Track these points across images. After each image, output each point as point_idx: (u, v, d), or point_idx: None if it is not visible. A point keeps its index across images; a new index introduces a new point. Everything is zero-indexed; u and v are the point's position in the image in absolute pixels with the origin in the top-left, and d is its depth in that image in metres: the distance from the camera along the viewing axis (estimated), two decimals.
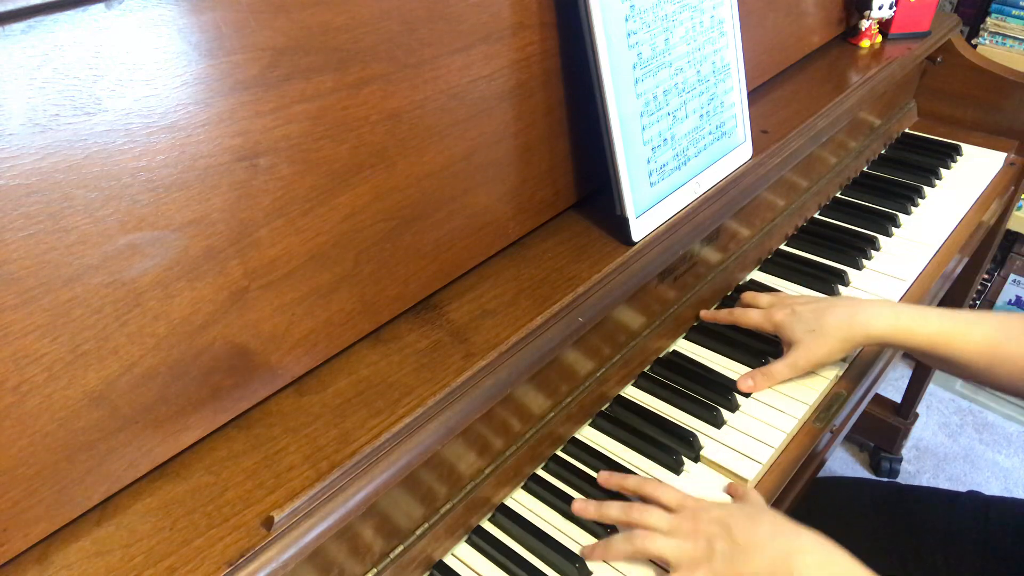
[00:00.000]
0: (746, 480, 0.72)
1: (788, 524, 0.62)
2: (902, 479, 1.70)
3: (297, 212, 0.56)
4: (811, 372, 0.83)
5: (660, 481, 0.69)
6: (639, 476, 0.72)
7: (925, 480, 1.70)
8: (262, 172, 0.53)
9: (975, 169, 1.21)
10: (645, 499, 0.68)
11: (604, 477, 0.72)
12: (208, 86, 0.49)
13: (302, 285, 0.57)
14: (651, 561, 0.66)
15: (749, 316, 0.86)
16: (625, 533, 0.66)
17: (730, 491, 0.72)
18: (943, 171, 1.20)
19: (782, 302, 0.85)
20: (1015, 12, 1.55)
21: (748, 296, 0.90)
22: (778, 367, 0.81)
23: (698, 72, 0.80)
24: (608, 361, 0.80)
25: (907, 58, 1.16)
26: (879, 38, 1.20)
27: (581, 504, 0.70)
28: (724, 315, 0.89)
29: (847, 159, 1.16)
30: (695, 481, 0.73)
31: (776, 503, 0.74)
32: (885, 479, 1.68)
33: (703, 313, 0.91)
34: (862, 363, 0.88)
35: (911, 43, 1.19)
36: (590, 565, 0.66)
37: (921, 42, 1.20)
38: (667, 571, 0.64)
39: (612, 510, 0.68)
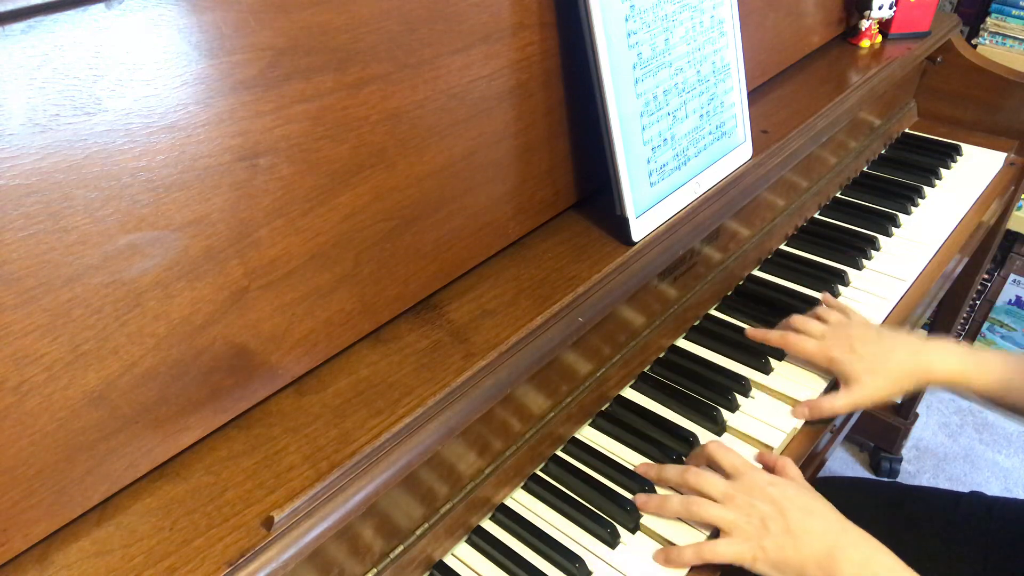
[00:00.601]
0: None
1: (838, 518, 0.64)
2: (902, 479, 1.70)
3: (297, 212, 0.56)
4: (816, 374, 0.84)
5: (721, 443, 0.71)
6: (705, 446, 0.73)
7: (925, 480, 1.70)
8: (262, 172, 0.53)
9: (975, 169, 1.21)
10: (706, 461, 0.71)
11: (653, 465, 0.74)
12: (208, 86, 0.49)
13: (302, 285, 0.57)
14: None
15: (805, 346, 0.82)
16: (683, 497, 0.68)
17: (762, 460, 0.73)
18: (943, 171, 1.20)
19: (837, 336, 0.81)
20: (1015, 12, 1.55)
21: (798, 322, 0.85)
22: (840, 402, 0.78)
23: (698, 72, 0.80)
24: (608, 361, 0.80)
25: (907, 58, 1.16)
26: (879, 38, 1.20)
27: (644, 467, 0.74)
28: (776, 338, 0.85)
29: (847, 159, 1.16)
30: None
31: None
32: (885, 479, 1.68)
33: (749, 332, 0.88)
34: None
35: (911, 43, 1.19)
36: (591, 561, 0.66)
37: (921, 42, 1.20)
38: None
39: (670, 472, 0.71)
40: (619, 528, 0.69)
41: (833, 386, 0.83)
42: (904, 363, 0.78)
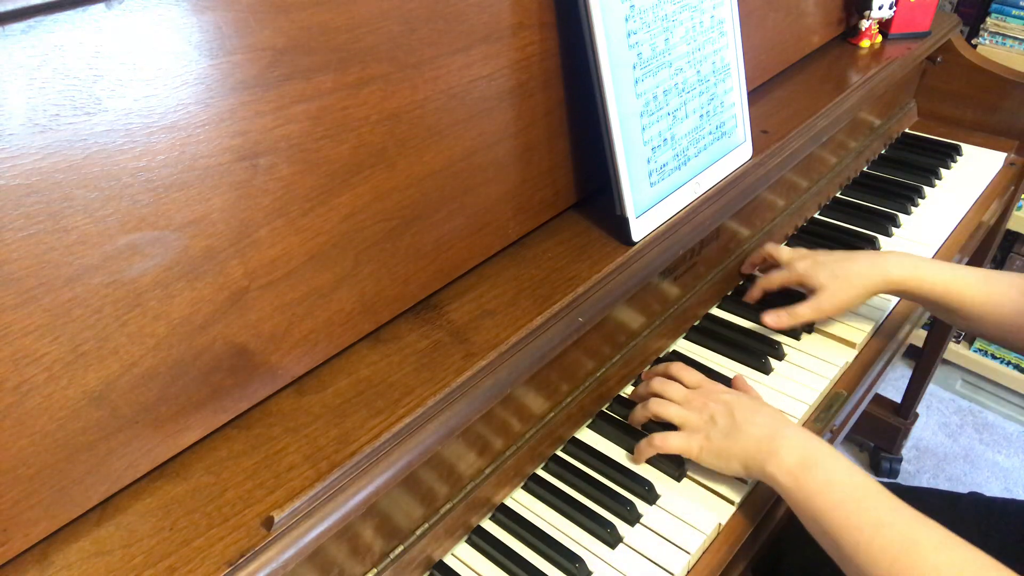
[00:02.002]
0: (747, 480, 0.72)
1: (783, 417, 0.70)
2: (902, 479, 1.70)
3: (297, 212, 0.56)
4: (816, 373, 0.84)
5: (686, 365, 0.79)
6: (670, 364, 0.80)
7: (925, 480, 1.70)
8: (262, 172, 0.53)
9: (975, 169, 1.21)
10: (671, 377, 0.78)
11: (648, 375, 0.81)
12: (208, 86, 0.49)
13: (302, 285, 0.57)
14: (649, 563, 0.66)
15: (773, 279, 0.89)
16: (645, 402, 0.76)
17: (737, 383, 0.81)
18: (943, 171, 1.20)
19: (803, 255, 0.89)
20: (1015, 12, 1.55)
21: (767, 250, 0.93)
22: (802, 309, 0.85)
23: (698, 72, 0.80)
24: (608, 361, 0.80)
25: (907, 58, 1.16)
26: (879, 38, 1.20)
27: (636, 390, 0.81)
28: (755, 290, 0.92)
29: (847, 159, 1.16)
30: (696, 480, 0.73)
31: (775, 504, 0.74)
32: (885, 479, 1.68)
33: (746, 296, 0.94)
34: (862, 363, 0.88)
35: (911, 43, 1.19)
36: (591, 561, 0.66)
37: (921, 42, 1.20)
38: None
39: (640, 391, 0.79)
40: (619, 526, 0.69)
41: (834, 391, 0.83)
42: (863, 269, 0.84)
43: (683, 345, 0.90)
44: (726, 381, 0.83)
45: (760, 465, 0.66)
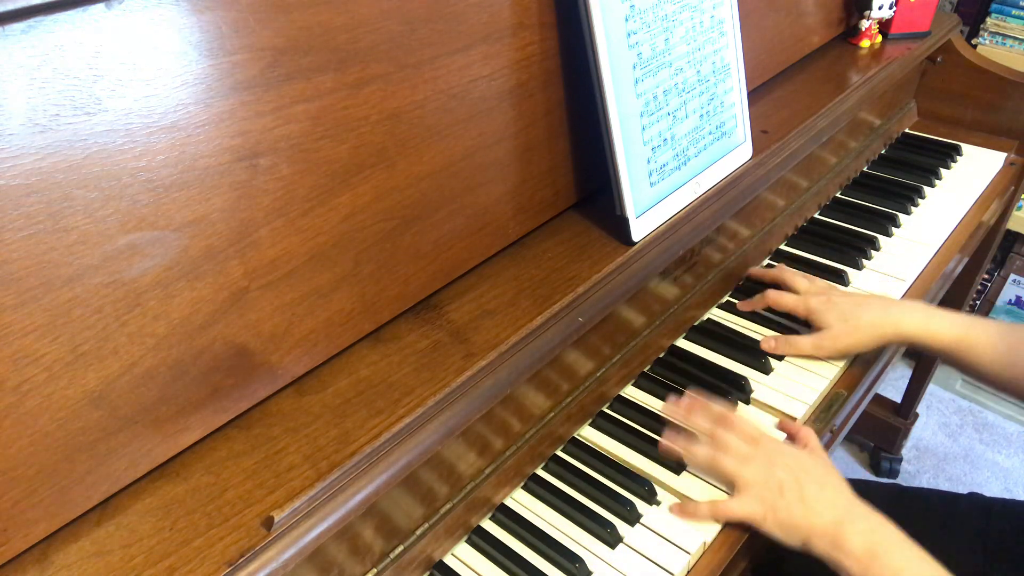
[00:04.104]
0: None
1: (849, 493, 0.67)
2: (902, 479, 1.70)
3: (297, 212, 0.56)
4: (816, 373, 0.84)
5: (738, 415, 0.75)
6: (719, 407, 0.76)
7: (925, 480, 1.70)
8: (262, 172, 0.53)
9: (975, 169, 1.21)
10: (725, 427, 0.73)
11: (683, 403, 0.77)
12: (208, 86, 0.49)
13: (302, 285, 0.57)
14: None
15: (784, 300, 0.88)
16: (710, 449, 0.71)
17: (785, 428, 0.77)
18: (943, 171, 1.20)
19: (819, 290, 0.88)
20: (1015, 12, 1.55)
21: (785, 275, 0.91)
22: (803, 341, 0.84)
23: (698, 72, 0.80)
24: (608, 361, 0.80)
25: (907, 58, 1.16)
26: (879, 38, 1.20)
27: (671, 407, 0.77)
28: (757, 301, 0.91)
29: (847, 159, 1.16)
30: (696, 481, 0.73)
31: None
32: (885, 479, 1.68)
33: (740, 305, 0.93)
34: (862, 363, 0.88)
35: (911, 43, 1.19)
36: (591, 561, 0.66)
37: (921, 42, 1.20)
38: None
39: (699, 419, 0.75)
40: (619, 526, 0.69)
41: (834, 391, 0.83)
42: (875, 318, 0.83)
43: (683, 344, 0.90)
44: (727, 376, 0.83)
45: (826, 548, 0.64)
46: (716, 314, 0.94)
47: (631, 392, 0.84)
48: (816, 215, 1.12)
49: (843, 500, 0.67)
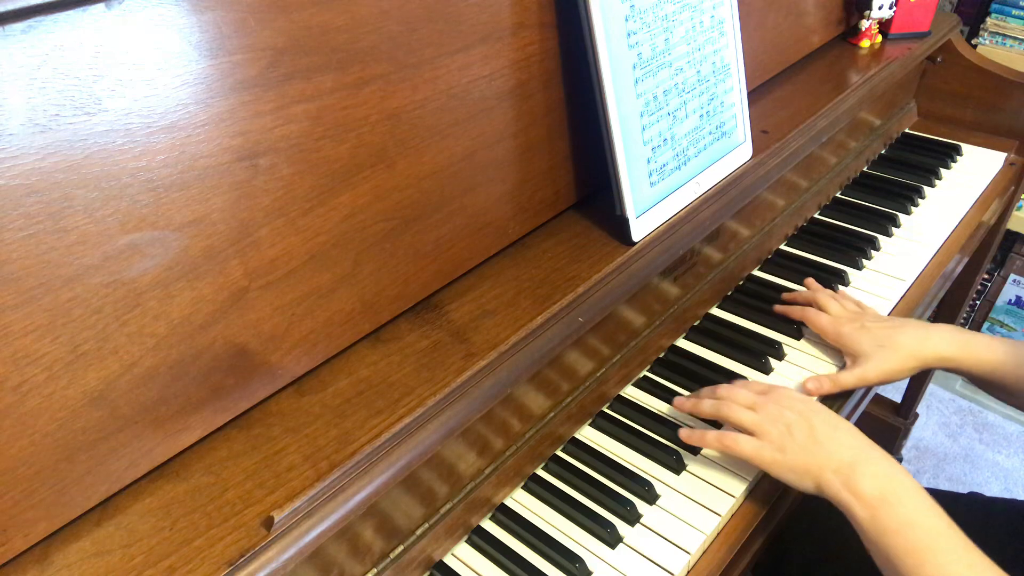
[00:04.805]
0: (747, 480, 0.72)
1: (864, 437, 0.67)
2: None
3: (297, 212, 0.56)
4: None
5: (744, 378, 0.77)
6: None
7: (925, 480, 1.70)
8: (262, 172, 0.53)
9: (975, 169, 1.21)
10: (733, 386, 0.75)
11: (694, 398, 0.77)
12: (208, 86, 0.49)
13: (302, 285, 0.57)
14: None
15: (819, 320, 0.86)
16: (715, 400, 0.73)
17: (810, 386, 0.79)
18: (943, 171, 1.20)
19: (851, 315, 0.86)
20: (1015, 12, 1.55)
21: (822, 297, 0.88)
22: (846, 376, 0.81)
23: (698, 72, 0.80)
24: (608, 361, 0.80)
25: (907, 58, 1.16)
26: (879, 38, 1.20)
27: (680, 400, 0.78)
28: (797, 312, 0.89)
29: (847, 159, 1.16)
30: (697, 480, 0.73)
31: (776, 504, 0.74)
32: None
33: (777, 308, 0.92)
34: None
35: (911, 43, 1.19)
36: (591, 561, 0.66)
37: (921, 42, 1.20)
38: None
39: (704, 394, 0.76)
40: (619, 526, 0.69)
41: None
42: (911, 342, 0.80)
43: (683, 344, 0.90)
44: (728, 373, 0.83)
45: (837, 489, 0.63)
46: (716, 314, 0.94)
47: (631, 392, 0.84)
48: (816, 215, 1.12)
49: (859, 441, 0.66)
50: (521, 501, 0.73)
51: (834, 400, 0.82)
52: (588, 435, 0.79)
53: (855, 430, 0.68)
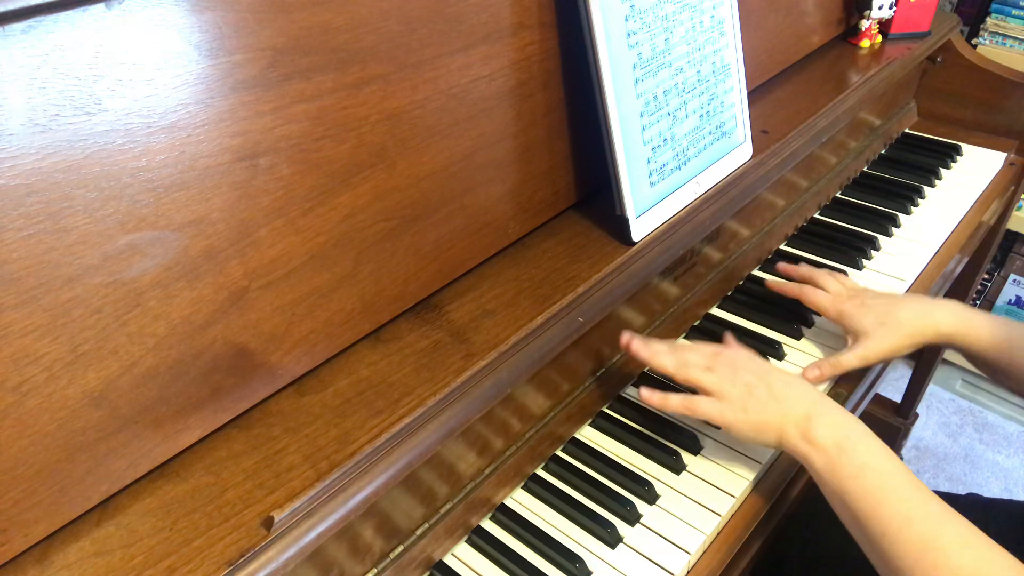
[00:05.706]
0: (747, 480, 0.72)
1: (817, 391, 0.69)
2: None
3: (297, 212, 0.56)
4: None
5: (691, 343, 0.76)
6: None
7: (925, 480, 1.70)
8: (262, 172, 0.53)
9: (975, 169, 1.21)
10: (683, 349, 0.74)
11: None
12: (208, 86, 0.49)
13: (302, 285, 0.57)
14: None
15: (817, 297, 0.86)
16: (674, 359, 0.72)
17: (810, 376, 0.80)
18: (943, 171, 1.20)
19: (851, 292, 0.85)
20: (1015, 12, 1.55)
21: (818, 275, 0.88)
22: (847, 357, 0.81)
23: (698, 72, 0.80)
24: (608, 361, 0.80)
25: (907, 58, 1.16)
26: (879, 38, 1.20)
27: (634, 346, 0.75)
28: (792, 289, 0.88)
29: (847, 159, 1.16)
30: (697, 480, 0.73)
31: (775, 504, 0.74)
32: None
33: (769, 283, 0.91)
34: None
35: (911, 43, 1.19)
36: (591, 561, 0.66)
37: (921, 42, 1.20)
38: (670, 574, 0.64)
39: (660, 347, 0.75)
40: (619, 526, 0.69)
41: (834, 390, 0.83)
42: (912, 318, 0.80)
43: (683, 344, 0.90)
44: None
45: (795, 441, 0.65)
46: (716, 314, 0.94)
47: (631, 392, 0.84)
48: (816, 215, 1.12)
49: (813, 394, 0.68)
50: (521, 501, 0.73)
51: (835, 399, 0.82)
52: (588, 435, 0.79)
53: (808, 385, 0.70)
